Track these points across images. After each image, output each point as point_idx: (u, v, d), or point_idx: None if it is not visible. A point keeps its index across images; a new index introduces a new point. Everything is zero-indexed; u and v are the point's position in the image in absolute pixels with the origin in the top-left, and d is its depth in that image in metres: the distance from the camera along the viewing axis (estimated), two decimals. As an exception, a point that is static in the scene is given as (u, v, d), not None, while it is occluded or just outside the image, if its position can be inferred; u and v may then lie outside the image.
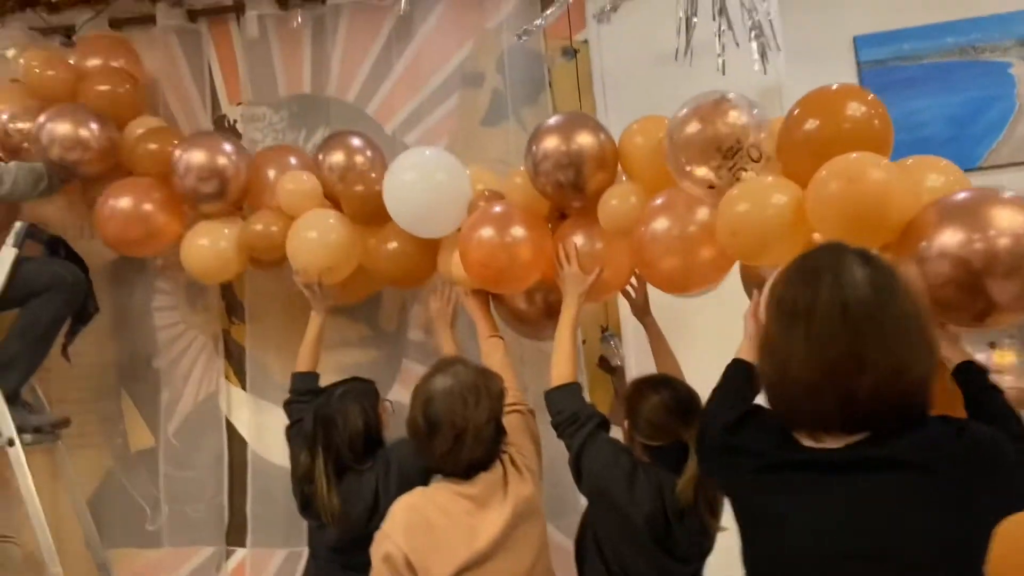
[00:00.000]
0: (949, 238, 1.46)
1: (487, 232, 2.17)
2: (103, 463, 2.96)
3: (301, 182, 2.52)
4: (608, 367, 2.72)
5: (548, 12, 2.28)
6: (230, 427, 2.96)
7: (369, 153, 2.59)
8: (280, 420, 2.86)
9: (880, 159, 1.61)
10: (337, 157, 2.56)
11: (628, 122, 2.21)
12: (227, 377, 2.98)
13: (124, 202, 2.53)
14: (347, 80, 3.00)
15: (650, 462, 1.83)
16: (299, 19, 2.96)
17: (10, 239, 2.36)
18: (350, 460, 2.09)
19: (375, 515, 2.02)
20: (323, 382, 2.90)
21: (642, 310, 2.32)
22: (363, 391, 2.20)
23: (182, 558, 2.87)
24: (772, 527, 1.20)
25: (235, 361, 2.98)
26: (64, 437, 2.75)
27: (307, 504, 2.13)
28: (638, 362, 2.59)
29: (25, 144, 2.64)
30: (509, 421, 1.91)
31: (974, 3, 2.72)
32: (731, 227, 1.75)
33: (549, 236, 2.27)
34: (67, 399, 2.91)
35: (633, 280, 2.32)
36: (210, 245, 2.59)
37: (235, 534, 2.91)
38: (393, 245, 2.47)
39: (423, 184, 2.32)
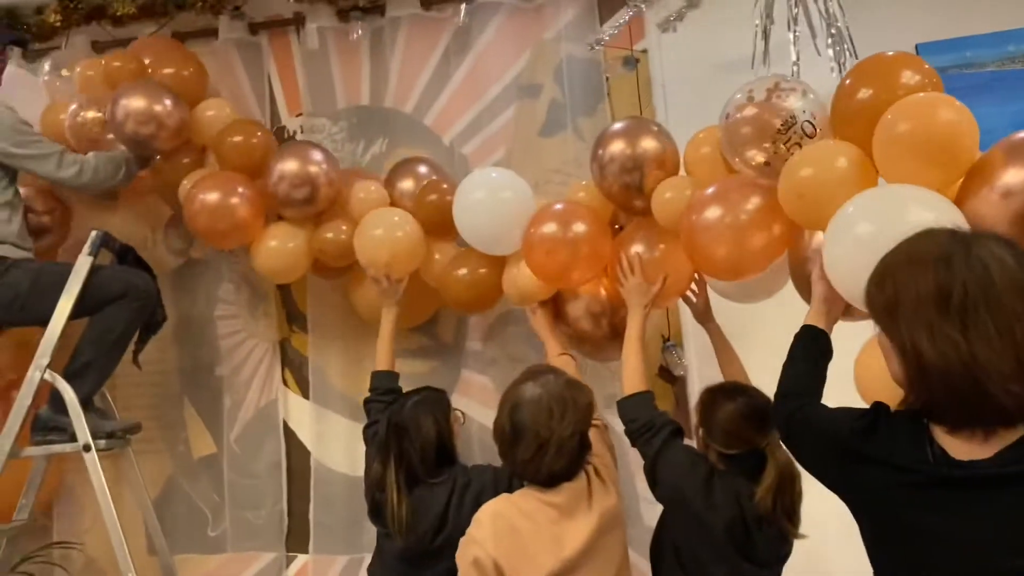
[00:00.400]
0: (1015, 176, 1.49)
1: (550, 227, 2.26)
2: (166, 469, 3.00)
3: (370, 191, 2.61)
4: (670, 377, 2.71)
5: (618, 21, 2.30)
6: (289, 434, 2.99)
7: (435, 177, 2.68)
8: (341, 428, 2.93)
9: (947, 98, 1.63)
10: (407, 184, 2.67)
11: (690, 131, 2.23)
12: (286, 384, 3.01)
13: (212, 195, 2.59)
14: (405, 91, 3.03)
15: (726, 469, 1.84)
16: (359, 31, 3.00)
17: (86, 248, 2.41)
18: (422, 472, 2.11)
19: (442, 531, 2.05)
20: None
21: (704, 315, 2.32)
22: (436, 400, 2.22)
23: (244, 563, 2.90)
24: (919, 543, 1.14)
25: (295, 369, 3.02)
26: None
27: (377, 511, 2.14)
28: (700, 372, 2.59)
29: (96, 130, 2.71)
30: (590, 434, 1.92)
31: (1036, 11, 2.70)
32: (797, 191, 1.76)
33: (610, 235, 2.34)
34: (132, 405, 2.96)
35: (693, 285, 2.33)
36: (278, 246, 2.65)
37: (294, 540, 2.93)
38: (463, 271, 2.53)
39: (490, 202, 2.40)
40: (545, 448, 1.72)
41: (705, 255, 2.02)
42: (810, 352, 1.64)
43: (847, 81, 1.78)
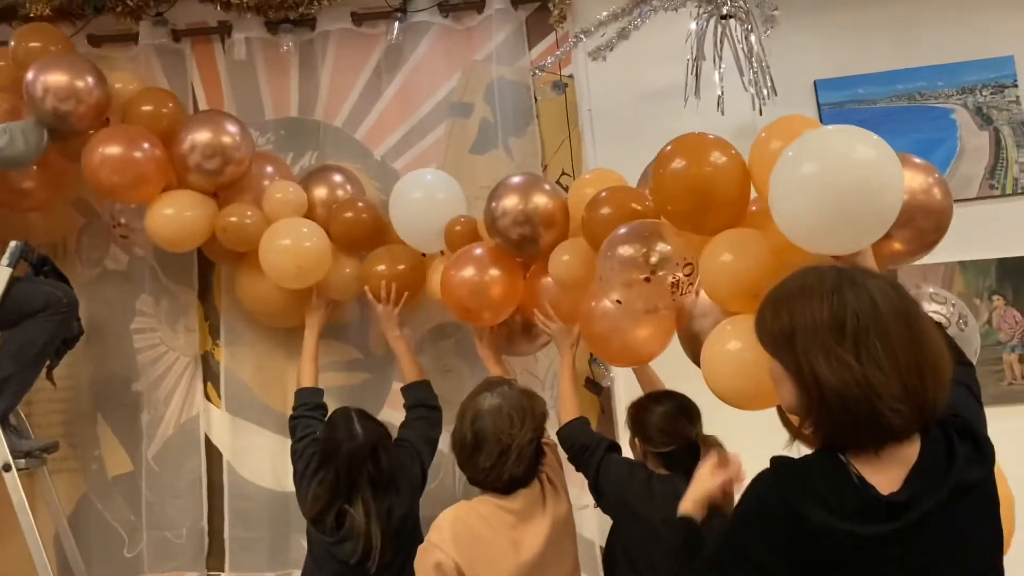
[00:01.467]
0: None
1: (468, 271, 2.41)
2: (79, 489, 2.88)
3: (288, 192, 2.64)
4: (595, 387, 2.84)
5: (560, 50, 2.41)
6: (211, 449, 2.93)
7: (350, 188, 2.77)
8: (262, 440, 2.89)
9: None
10: (321, 191, 2.74)
11: (615, 154, 2.38)
12: (208, 399, 2.95)
13: (114, 148, 2.52)
14: (336, 105, 3.05)
15: (665, 472, 1.98)
16: (289, 44, 2.99)
17: (4, 258, 2.30)
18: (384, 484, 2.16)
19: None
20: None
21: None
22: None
23: (163, 585, 2.81)
24: None
25: (217, 383, 2.96)
26: (43, 462, 2.67)
27: (338, 521, 2.13)
28: (626, 382, 2.72)
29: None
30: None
31: (920, 53, 2.99)
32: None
33: (522, 276, 2.47)
34: (43, 423, 2.83)
35: None
36: (175, 215, 2.61)
37: (215, 559, 2.87)
38: (381, 268, 2.61)
39: (427, 202, 2.56)
40: (506, 454, 1.80)
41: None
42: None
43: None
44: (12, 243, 2.33)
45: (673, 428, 1.98)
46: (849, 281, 1.19)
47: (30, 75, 2.50)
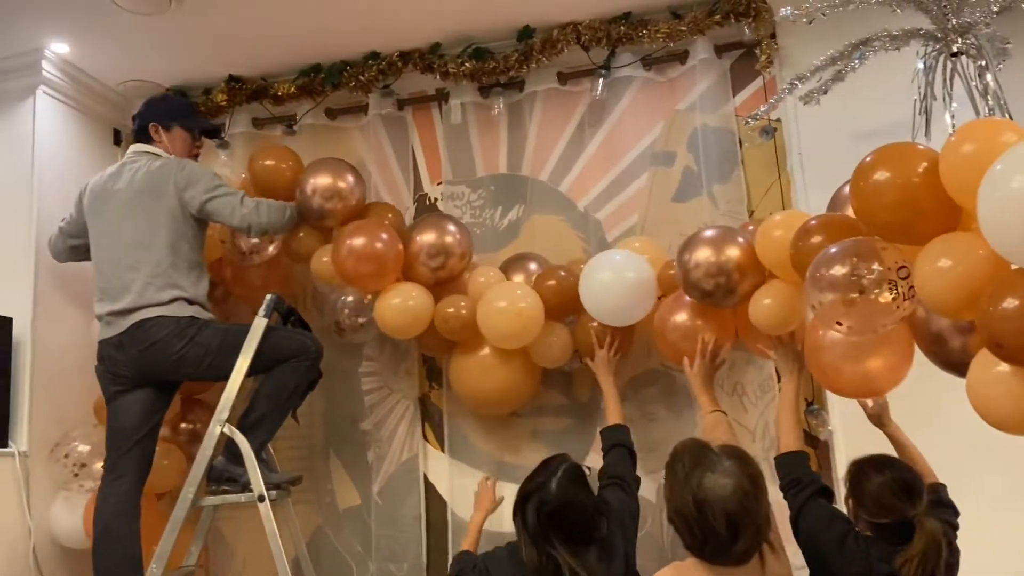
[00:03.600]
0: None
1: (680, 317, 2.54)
2: (313, 519, 3.15)
3: (490, 275, 2.83)
4: (813, 441, 2.73)
5: (773, 98, 2.40)
6: (428, 487, 3.11)
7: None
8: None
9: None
10: (519, 276, 2.91)
11: (826, 196, 2.29)
12: (426, 439, 3.14)
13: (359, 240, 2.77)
14: (541, 160, 3.20)
15: (872, 535, 1.92)
16: (499, 106, 3.18)
17: (261, 310, 2.59)
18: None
19: None
20: (519, 447, 3.05)
21: (879, 418, 2.28)
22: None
23: (388, 614, 2.99)
24: None
25: (434, 424, 3.15)
26: (283, 494, 2.95)
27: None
28: (845, 435, 2.61)
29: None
30: None
31: None
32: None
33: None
34: (283, 458, 3.13)
35: None
36: (401, 304, 2.79)
37: (433, 593, 3.02)
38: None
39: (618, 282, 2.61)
40: (743, 529, 1.66)
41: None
42: None
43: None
44: (268, 296, 2.62)
45: (890, 503, 1.90)
46: None
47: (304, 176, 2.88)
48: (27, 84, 3.05)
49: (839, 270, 1.84)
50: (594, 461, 2.92)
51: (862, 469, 1.99)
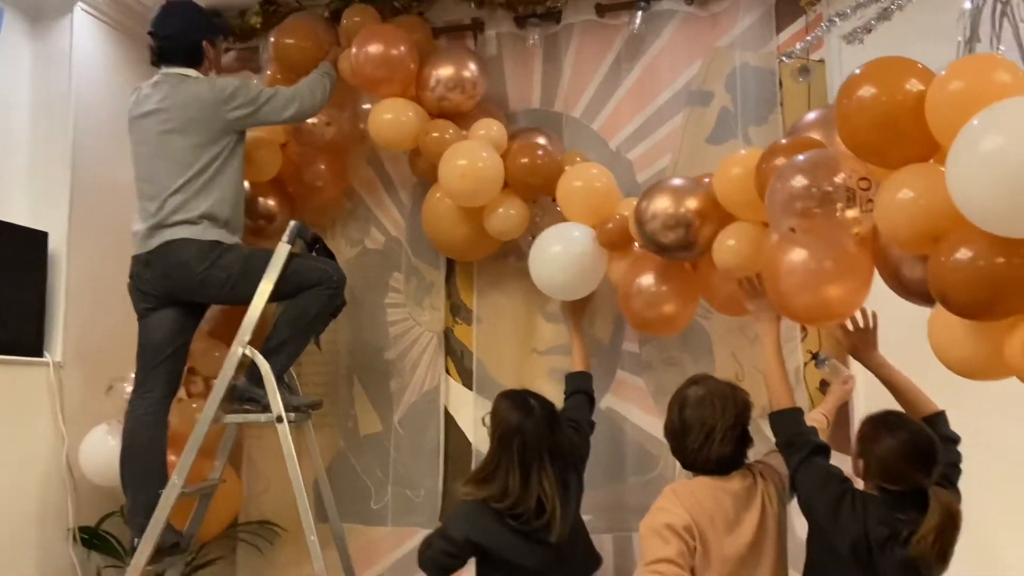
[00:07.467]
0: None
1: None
2: (335, 443, 3.23)
3: (492, 130, 2.85)
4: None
5: (810, 35, 2.30)
6: (448, 419, 3.15)
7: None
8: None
9: None
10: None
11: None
12: (448, 373, 3.18)
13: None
14: (575, 96, 3.12)
15: (875, 496, 1.86)
16: (535, 37, 3.10)
17: (285, 236, 2.62)
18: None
19: None
20: (538, 385, 3.07)
21: (863, 352, 2.27)
22: None
23: (403, 537, 3.07)
24: None
25: (456, 358, 3.18)
26: (307, 417, 3.02)
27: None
28: (867, 384, 2.54)
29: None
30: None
31: None
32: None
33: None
34: (307, 383, 3.20)
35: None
36: (393, 118, 2.88)
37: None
38: None
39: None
40: (711, 436, 1.94)
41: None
42: None
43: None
44: (291, 223, 2.64)
45: (901, 470, 1.80)
46: None
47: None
48: (64, 0, 3.05)
49: (799, 181, 1.80)
50: (610, 402, 2.94)
51: (874, 429, 1.88)
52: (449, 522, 2.21)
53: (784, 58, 2.38)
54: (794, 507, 2.28)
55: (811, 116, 2.21)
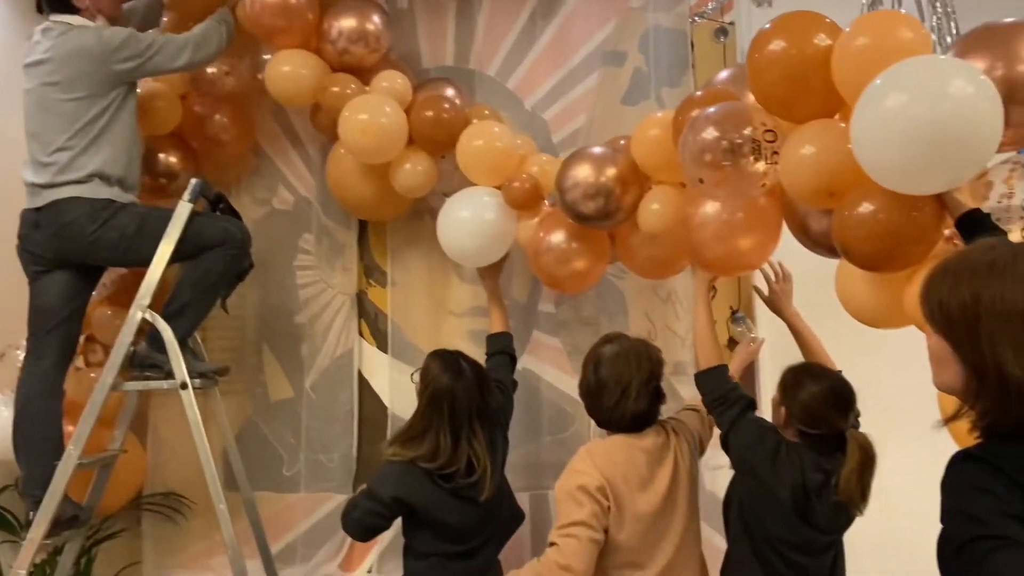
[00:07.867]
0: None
1: None
2: (244, 410, 3.13)
3: (396, 82, 2.76)
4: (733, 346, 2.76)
5: (720, -3, 2.31)
6: (362, 383, 3.10)
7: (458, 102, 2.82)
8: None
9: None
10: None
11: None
12: (362, 336, 3.12)
13: None
14: (489, 53, 3.08)
15: (798, 442, 1.94)
16: (448, -9, 3.03)
17: (185, 195, 2.49)
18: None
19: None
20: (455, 346, 3.04)
21: (775, 303, 2.36)
22: None
23: (316, 503, 3.03)
24: None
25: (370, 321, 3.12)
26: (215, 384, 2.91)
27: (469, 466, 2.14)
28: (770, 342, 2.63)
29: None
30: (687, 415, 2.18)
31: None
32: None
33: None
34: (214, 348, 3.09)
35: (768, 268, 2.34)
36: (291, 71, 2.77)
37: (361, 483, 3.04)
38: None
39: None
40: (626, 393, 1.96)
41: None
42: None
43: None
44: (192, 180, 2.52)
45: (823, 413, 1.90)
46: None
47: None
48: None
49: (710, 133, 1.84)
50: (527, 363, 2.95)
51: (797, 377, 1.97)
52: (375, 482, 2.18)
53: (696, 18, 2.39)
54: (704, 461, 2.38)
55: (723, 75, 2.23)
